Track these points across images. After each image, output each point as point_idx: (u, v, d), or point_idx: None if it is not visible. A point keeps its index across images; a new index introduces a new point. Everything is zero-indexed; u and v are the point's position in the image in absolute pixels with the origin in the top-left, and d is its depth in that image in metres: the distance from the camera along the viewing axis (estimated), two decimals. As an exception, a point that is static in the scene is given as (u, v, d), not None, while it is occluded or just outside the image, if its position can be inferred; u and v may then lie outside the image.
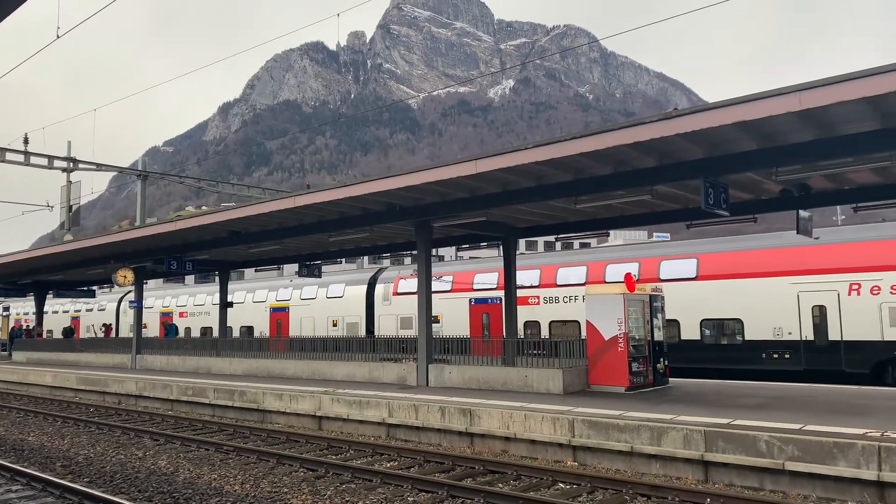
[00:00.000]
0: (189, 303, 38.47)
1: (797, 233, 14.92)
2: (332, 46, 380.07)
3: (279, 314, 32.93)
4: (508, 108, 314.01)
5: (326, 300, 31.06)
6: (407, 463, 11.56)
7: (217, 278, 31.82)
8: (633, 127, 11.11)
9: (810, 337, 18.48)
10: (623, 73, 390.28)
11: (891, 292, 17.36)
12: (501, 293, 21.06)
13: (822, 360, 18.26)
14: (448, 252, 62.60)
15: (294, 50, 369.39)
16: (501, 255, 20.59)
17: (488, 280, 25.69)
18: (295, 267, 27.13)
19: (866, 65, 10.10)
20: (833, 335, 18.12)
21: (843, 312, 18.01)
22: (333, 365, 20.05)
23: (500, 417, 12.32)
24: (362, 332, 28.80)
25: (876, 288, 17.58)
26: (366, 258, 54.07)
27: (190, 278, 65.65)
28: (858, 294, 17.82)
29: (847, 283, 18.01)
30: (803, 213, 14.63)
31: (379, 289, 29.34)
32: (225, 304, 28.59)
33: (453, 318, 26.02)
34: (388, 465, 11.54)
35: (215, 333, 30.82)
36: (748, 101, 9.78)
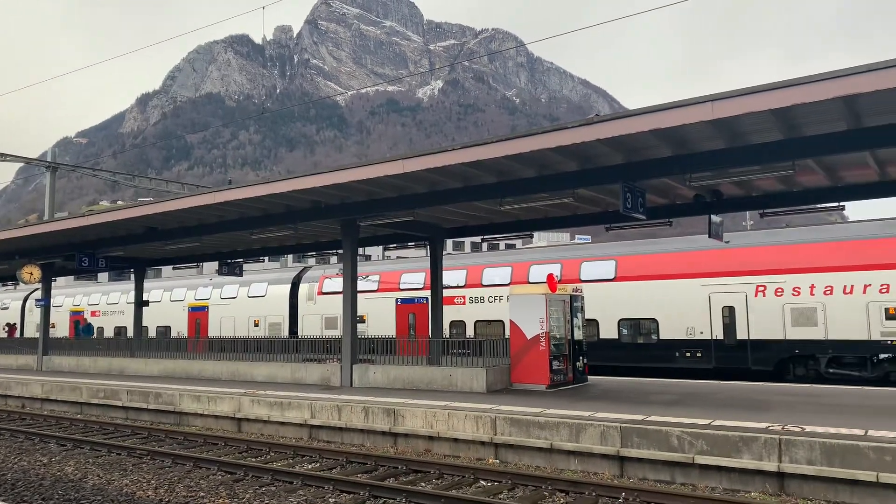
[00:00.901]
0: (102, 301, 36.79)
1: (708, 237, 15.61)
2: (258, 40, 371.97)
3: (198, 313, 31.95)
4: (437, 109, 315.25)
5: (248, 299, 30.36)
6: (329, 464, 11.44)
7: (132, 276, 30.58)
8: (557, 131, 11.38)
9: (720, 336, 19.40)
10: (549, 78, 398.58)
11: (792, 294, 18.43)
12: (428, 293, 21.14)
13: (730, 358, 19.20)
14: (375, 251, 62.31)
15: (218, 42, 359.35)
16: (428, 255, 20.66)
17: (415, 280, 25.72)
18: (215, 265, 26.39)
19: (773, 78, 10.71)
20: (741, 335, 19.08)
21: (750, 313, 19.00)
22: (254, 366, 19.61)
23: (424, 417, 12.37)
24: (285, 333, 28.30)
25: (779, 290, 18.63)
26: (290, 257, 53.15)
27: (103, 276, 62.78)
28: (764, 295, 18.84)
29: (754, 285, 19.01)
30: (715, 218, 15.32)
31: (303, 288, 28.90)
32: (140, 303, 27.48)
33: (379, 318, 25.92)
34: (310, 466, 11.39)
35: (130, 333, 29.61)
36: (664, 109, 10.18)
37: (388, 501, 9.20)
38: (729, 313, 19.34)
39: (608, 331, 21.25)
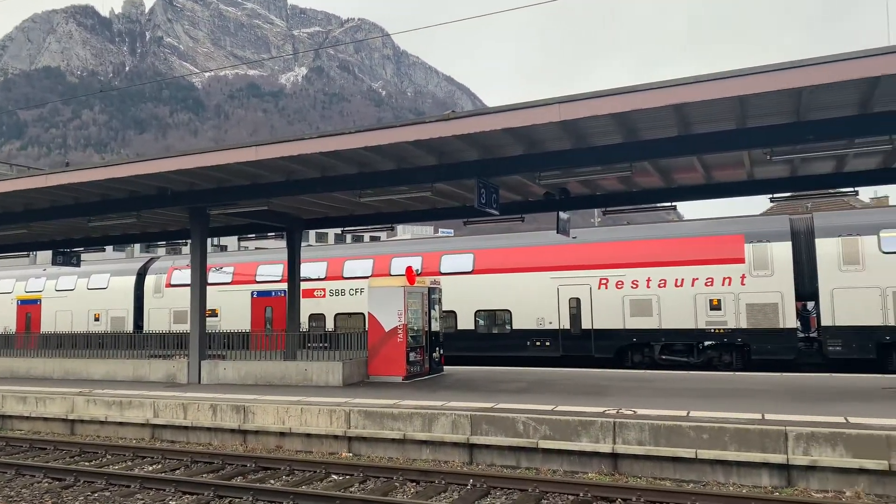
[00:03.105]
0: None
1: (556, 232, 16.42)
2: (105, 13, 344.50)
3: (29, 307, 29.21)
4: (301, 96, 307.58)
5: (87, 292, 28.14)
6: (172, 465, 10.88)
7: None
8: (415, 125, 11.50)
9: (567, 326, 20.49)
10: (414, 72, 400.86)
11: (631, 286, 19.82)
12: (286, 285, 20.62)
13: (576, 346, 20.34)
14: (232, 242, 59.87)
15: (58, 11, 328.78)
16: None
17: (273, 272, 25.00)
18: (49, 254, 24.22)
19: (628, 83, 11.41)
20: (585, 324, 20.27)
21: (594, 304, 20.22)
22: (90, 363, 18.21)
23: (276, 413, 12.07)
24: (130, 328, 26.54)
25: (620, 283, 19.97)
26: (137, 247, 49.86)
27: (-88, 265, 55.71)
28: (606, 288, 20.12)
29: (597, 279, 20.24)
30: (563, 215, 16.13)
31: (150, 280, 27.22)
32: (-43, 296, 24.66)
33: (233, 312, 24.96)
34: (151, 468, 10.77)
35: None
36: (516, 108, 10.56)
37: (234, 501, 8.90)
38: (576, 304, 20.47)
39: (466, 322, 21.79)
